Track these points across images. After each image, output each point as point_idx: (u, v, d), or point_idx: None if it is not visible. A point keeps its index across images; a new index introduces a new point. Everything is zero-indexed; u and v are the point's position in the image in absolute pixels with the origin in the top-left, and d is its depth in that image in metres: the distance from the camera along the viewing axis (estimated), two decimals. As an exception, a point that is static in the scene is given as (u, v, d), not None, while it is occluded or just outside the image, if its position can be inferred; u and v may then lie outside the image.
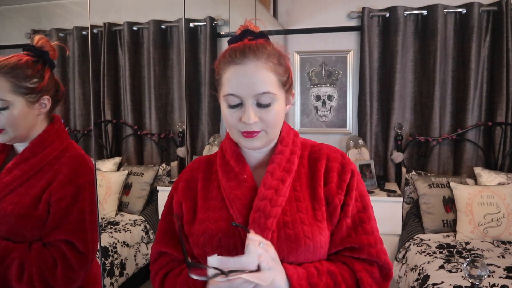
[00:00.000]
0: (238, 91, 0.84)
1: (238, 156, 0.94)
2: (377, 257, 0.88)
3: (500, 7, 2.63)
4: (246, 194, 0.89)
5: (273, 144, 0.95)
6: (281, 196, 0.87)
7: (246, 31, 0.91)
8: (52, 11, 2.47)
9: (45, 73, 1.13)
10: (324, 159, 0.94)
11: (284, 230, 0.84)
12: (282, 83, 0.88)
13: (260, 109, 0.85)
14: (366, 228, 0.90)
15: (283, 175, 0.89)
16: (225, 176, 0.93)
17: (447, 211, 2.48)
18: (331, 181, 0.90)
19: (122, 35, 3.23)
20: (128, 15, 3.27)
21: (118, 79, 3.32)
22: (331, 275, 0.84)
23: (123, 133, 3.35)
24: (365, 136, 2.94)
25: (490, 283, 1.78)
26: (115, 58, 3.30)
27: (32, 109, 1.11)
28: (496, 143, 2.71)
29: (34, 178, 1.10)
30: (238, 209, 0.87)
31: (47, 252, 1.05)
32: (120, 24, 3.23)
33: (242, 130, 0.86)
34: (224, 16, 3.16)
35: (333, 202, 0.89)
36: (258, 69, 0.84)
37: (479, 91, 2.78)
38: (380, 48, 2.92)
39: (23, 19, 2.30)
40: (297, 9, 3.11)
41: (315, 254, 0.86)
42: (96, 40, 3.28)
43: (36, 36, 1.16)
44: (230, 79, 0.85)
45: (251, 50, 0.85)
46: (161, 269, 0.95)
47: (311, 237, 0.84)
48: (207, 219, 0.89)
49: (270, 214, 0.84)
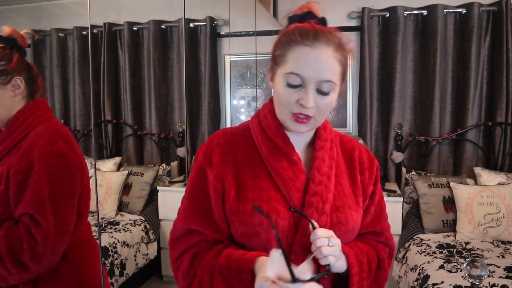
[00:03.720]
0: (304, 72, 0.83)
1: (284, 135, 0.91)
2: (390, 240, 1.02)
3: (500, 7, 2.63)
4: (299, 177, 0.89)
5: (314, 131, 0.96)
6: (331, 182, 0.91)
7: (310, 13, 0.89)
8: (52, 11, 2.47)
9: (13, 56, 1.16)
10: (357, 150, 0.99)
11: (336, 214, 0.89)
12: (342, 75, 0.88)
13: (318, 95, 0.84)
14: (384, 216, 1.03)
15: (330, 162, 0.93)
16: (273, 155, 0.90)
17: (447, 211, 2.48)
18: (365, 172, 0.98)
19: (122, 35, 3.23)
20: (128, 15, 3.27)
21: (118, 79, 3.32)
22: (366, 254, 0.94)
23: (123, 133, 3.35)
24: (365, 136, 2.94)
25: (490, 283, 1.78)
26: (115, 58, 3.30)
27: (6, 91, 1.14)
28: (496, 143, 2.71)
29: (7, 157, 1.13)
30: (291, 190, 0.87)
31: (16, 229, 1.06)
32: (120, 24, 3.23)
33: (296, 111, 0.85)
34: (224, 16, 3.16)
35: (367, 191, 0.97)
36: (328, 56, 0.84)
37: (479, 91, 2.78)
38: (380, 48, 2.92)
39: (23, 19, 2.30)
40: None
41: (354, 235, 0.95)
42: (96, 40, 3.28)
43: (3, 26, 1.21)
44: (299, 58, 0.83)
45: (323, 35, 0.84)
46: (191, 247, 0.90)
47: (356, 220, 0.92)
48: (258, 198, 0.86)
49: (327, 199, 0.88)
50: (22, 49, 1.21)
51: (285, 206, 0.86)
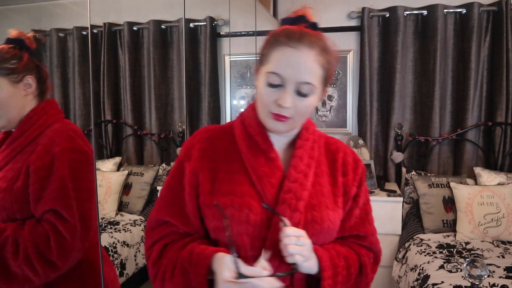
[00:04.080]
0: (284, 72, 0.84)
1: (264, 133, 0.93)
2: (375, 245, 1.01)
3: (500, 7, 2.63)
4: (275, 173, 0.90)
5: (296, 131, 0.96)
6: (308, 181, 0.91)
7: (302, 17, 0.91)
8: (52, 11, 2.47)
9: (23, 55, 1.17)
10: (341, 152, 0.99)
11: (311, 213, 0.89)
12: (324, 79, 0.90)
13: (297, 96, 0.86)
14: (370, 219, 1.01)
15: (309, 161, 0.93)
16: (250, 151, 0.92)
17: (447, 211, 2.48)
18: (348, 174, 0.97)
19: (122, 35, 3.23)
20: (128, 15, 3.27)
21: (118, 79, 3.32)
22: (345, 258, 0.92)
23: (123, 133, 3.35)
24: (365, 136, 2.94)
25: (490, 283, 1.78)
26: (115, 58, 3.30)
27: (18, 89, 1.14)
28: (496, 143, 2.71)
29: (20, 155, 1.12)
30: (266, 186, 0.88)
31: (40, 227, 1.05)
32: (120, 24, 3.23)
33: (274, 111, 0.86)
34: (224, 16, 3.16)
35: (349, 192, 0.96)
36: (310, 59, 0.85)
37: (479, 91, 2.78)
38: (380, 48, 2.92)
39: (23, 19, 2.30)
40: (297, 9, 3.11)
41: (331, 237, 0.94)
42: (96, 40, 3.28)
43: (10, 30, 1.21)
44: (280, 59, 0.85)
45: (308, 38, 0.86)
46: (161, 238, 0.92)
47: (332, 221, 0.91)
48: (231, 192, 0.88)
49: (301, 197, 0.88)
50: (31, 50, 1.22)
51: (258, 202, 0.87)
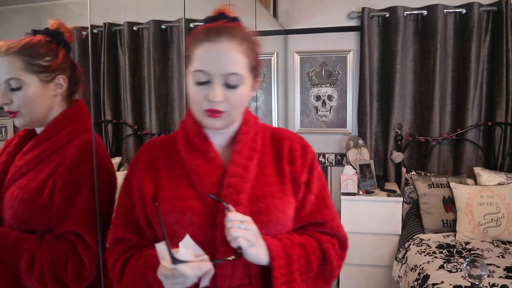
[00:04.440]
0: (209, 68, 0.84)
1: (202, 135, 0.93)
2: (337, 230, 0.97)
3: (500, 7, 2.63)
4: (214, 171, 0.90)
5: (236, 126, 0.96)
6: (250, 173, 0.90)
7: (222, 14, 0.92)
8: (52, 11, 2.47)
9: (59, 52, 1.09)
10: (287, 139, 0.98)
11: (256, 205, 0.88)
12: (251, 68, 0.89)
13: (226, 89, 0.85)
14: (327, 205, 0.98)
15: (250, 153, 0.92)
16: (190, 154, 0.92)
17: (447, 211, 2.48)
18: (296, 160, 0.95)
19: (122, 35, 3.24)
20: (128, 15, 3.27)
21: (118, 79, 3.32)
22: (301, 246, 0.90)
23: (123, 133, 3.35)
24: (365, 136, 2.94)
25: (490, 283, 1.78)
26: (115, 58, 3.30)
27: (47, 89, 1.06)
28: (496, 143, 2.71)
29: (45, 163, 1.04)
30: (206, 186, 0.88)
31: (59, 245, 0.99)
32: (120, 24, 3.23)
33: (206, 108, 0.86)
34: (224, 16, 3.16)
35: (299, 179, 0.94)
36: (231, 49, 0.85)
37: (479, 91, 2.78)
38: (380, 48, 2.92)
39: (23, 19, 2.30)
40: (297, 9, 3.11)
41: (284, 227, 0.91)
42: (96, 40, 3.28)
43: (51, 20, 1.12)
44: (202, 55, 0.85)
45: (226, 30, 0.86)
46: (121, 255, 0.92)
47: (281, 210, 0.89)
48: (173, 198, 0.88)
49: (242, 190, 0.87)
50: (68, 45, 1.13)
51: (201, 203, 0.87)
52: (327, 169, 3.17)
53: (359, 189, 2.70)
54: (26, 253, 0.97)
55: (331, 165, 3.16)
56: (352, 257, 2.69)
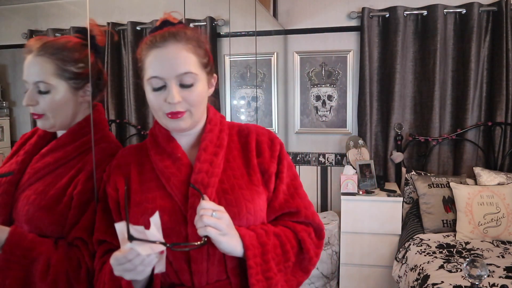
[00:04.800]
0: (161, 72, 0.87)
1: (169, 137, 0.96)
2: (312, 219, 0.98)
3: (500, 7, 2.63)
4: (182, 171, 0.92)
5: (201, 126, 0.99)
6: (216, 168, 0.92)
7: (166, 22, 0.95)
8: (49, 11, 2.46)
9: (90, 57, 1.06)
10: (253, 133, 1.00)
11: (224, 197, 0.89)
12: (203, 65, 0.92)
13: (183, 89, 0.88)
14: (300, 194, 0.99)
15: (215, 150, 0.94)
16: (158, 157, 0.95)
17: (447, 211, 2.48)
18: (263, 152, 0.97)
19: (126, 34, 3.24)
20: (131, 15, 3.28)
21: (121, 78, 3.33)
22: (276, 235, 0.91)
23: (127, 133, 3.35)
24: (365, 136, 2.94)
25: (490, 283, 1.78)
26: (118, 58, 3.31)
27: (76, 96, 1.04)
28: (496, 143, 2.71)
29: (65, 168, 1.02)
30: (175, 185, 0.90)
31: (72, 253, 0.97)
32: (123, 24, 3.24)
33: (167, 111, 0.89)
34: (224, 16, 3.16)
35: (268, 170, 0.96)
36: (178, 51, 0.88)
37: (479, 91, 2.78)
38: (380, 48, 2.92)
39: (19, 19, 2.30)
40: (297, 9, 3.11)
41: (256, 217, 0.92)
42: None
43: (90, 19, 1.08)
44: (152, 62, 0.88)
45: (170, 34, 0.90)
46: (101, 257, 0.94)
47: (250, 200, 0.91)
48: (144, 200, 0.90)
49: (209, 185, 0.89)
50: (99, 51, 1.10)
51: (171, 203, 0.89)
52: (327, 169, 3.17)
53: (359, 189, 2.70)
54: (42, 257, 0.94)
55: (331, 165, 3.16)
56: (352, 257, 2.69)
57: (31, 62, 1.01)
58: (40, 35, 1.14)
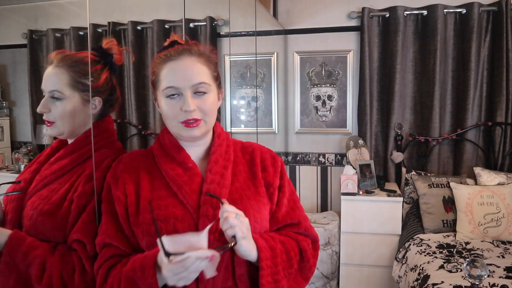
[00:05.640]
0: (177, 83, 0.93)
1: (178, 147, 1.00)
2: (310, 231, 1.05)
3: (500, 7, 2.63)
4: (194, 180, 0.96)
5: (209, 139, 1.04)
6: (226, 180, 0.97)
7: (175, 41, 1.01)
8: (49, 11, 2.47)
9: (102, 74, 1.12)
10: (258, 150, 1.07)
11: (234, 207, 0.91)
12: (214, 77, 0.99)
13: (197, 98, 0.94)
14: (299, 207, 1.07)
15: (225, 163, 1.00)
16: (169, 165, 0.98)
17: (447, 211, 2.48)
18: (267, 168, 1.05)
19: (127, 34, 3.24)
20: (132, 14, 3.28)
21: (122, 78, 3.33)
22: (282, 243, 0.97)
23: (128, 132, 3.35)
24: (365, 136, 2.94)
25: (490, 283, 1.78)
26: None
27: (85, 107, 1.10)
28: (496, 143, 2.71)
29: (68, 174, 1.07)
30: (187, 193, 0.94)
31: (69, 256, 0.99)
32: (124, 24, 3.24)
33: (183, 120, 0.94)
34: (224, 16, 3.16)
35: (272, 184, 1.03)
36: (193, 63, 0.95)
37: (479, 91, 2.78)
38: (380, 48, 2.92)
39: (20, 19, 2.30)
40: (297, 9, 3.11)
41: (262, 226, 0.98)
42: (101, 39, 3.28)
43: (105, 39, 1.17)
44: (168, 73, 0.94)
45: (184, 49, 0.97)
46: (105, 261, 0.93)
47: (257, 210, 0.97)
48: (156, 207, 0.93)
49: (220, 195, 0.94)
50: (114, 68, 1.17)
51: (183, 210, 0.92)
52: (327, 169, 3.17)
53: (359, 189, 2.70)
54: (37, 260, 0.97)
55: (331, 165, 3.16)
56: (352, 257, 2.69)
57: (50, 72, 1.08)
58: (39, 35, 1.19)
